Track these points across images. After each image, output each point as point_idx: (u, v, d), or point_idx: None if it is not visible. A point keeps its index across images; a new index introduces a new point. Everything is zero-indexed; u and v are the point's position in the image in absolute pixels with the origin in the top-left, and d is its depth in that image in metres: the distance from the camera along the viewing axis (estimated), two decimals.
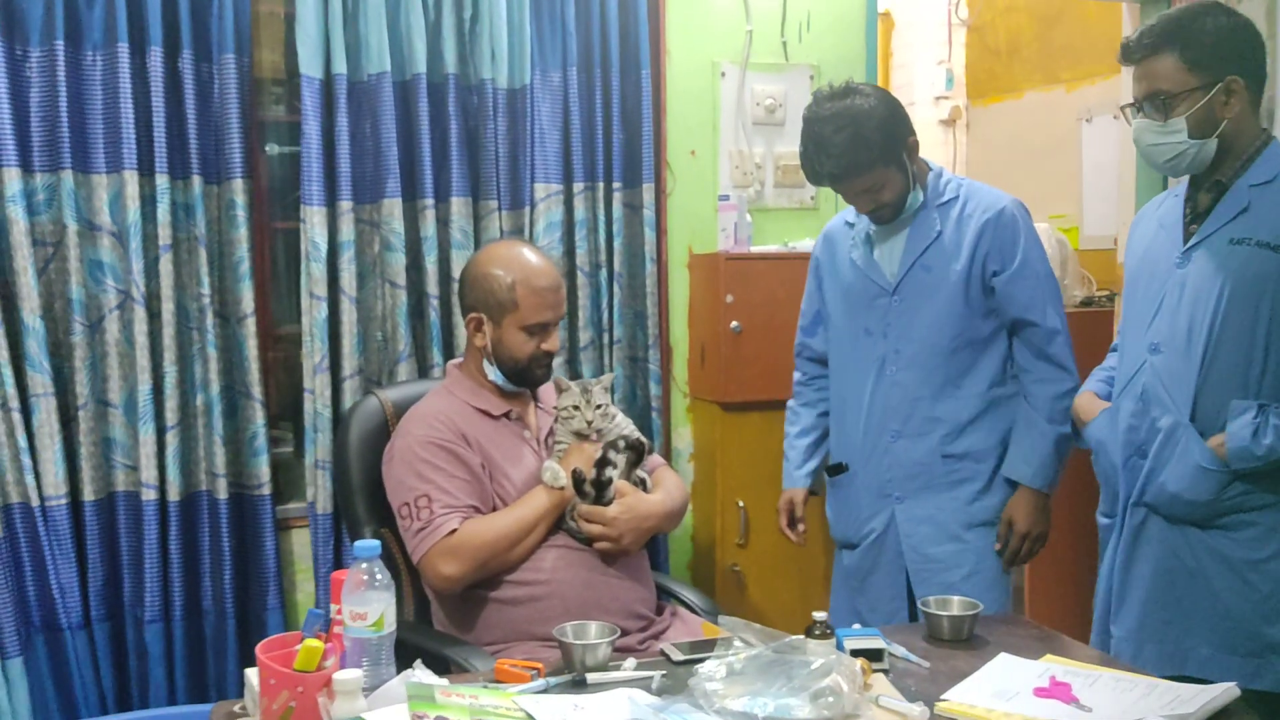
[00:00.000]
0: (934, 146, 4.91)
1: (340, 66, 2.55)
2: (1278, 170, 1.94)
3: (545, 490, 2.13)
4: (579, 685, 1.64)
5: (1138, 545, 2.05)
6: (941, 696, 1.57)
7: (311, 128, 2.54)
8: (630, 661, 1.71)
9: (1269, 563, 1.92)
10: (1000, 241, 2.26)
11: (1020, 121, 4.60)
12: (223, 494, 2.55)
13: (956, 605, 1.87)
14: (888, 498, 2.35)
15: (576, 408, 2.18)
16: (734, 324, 2.86)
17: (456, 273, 2.64)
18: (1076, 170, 4.22)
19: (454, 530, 2.05)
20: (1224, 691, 1.50)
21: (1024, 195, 2.25)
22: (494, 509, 2.13)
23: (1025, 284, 2.27)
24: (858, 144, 2.19)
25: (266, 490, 2.59)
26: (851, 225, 2.43)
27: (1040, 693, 1.55)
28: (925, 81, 4.91)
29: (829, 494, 2.51)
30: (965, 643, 1.81)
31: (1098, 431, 2.15)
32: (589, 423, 2.18)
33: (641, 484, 2.21)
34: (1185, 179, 2.07)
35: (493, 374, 2.21)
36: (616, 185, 2.84)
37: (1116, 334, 2.34)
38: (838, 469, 2.46)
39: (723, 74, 3.03)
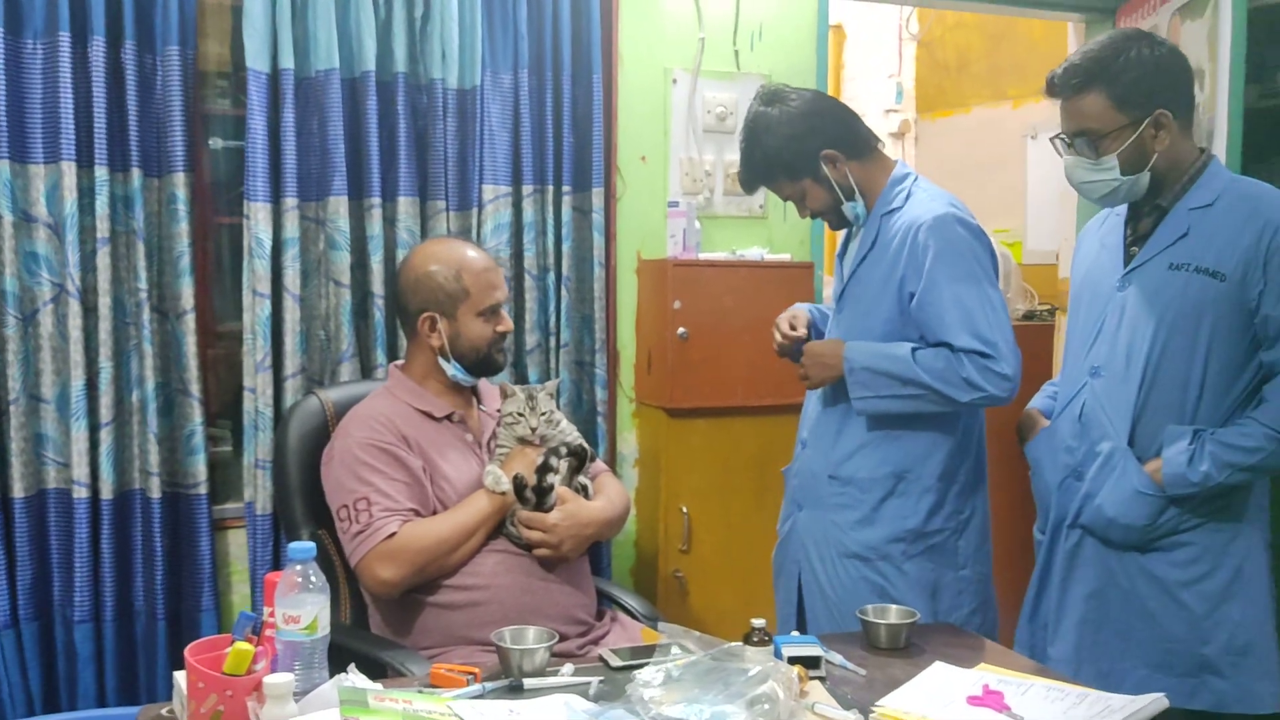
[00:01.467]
0: None
1: (288, 61, 2.51)
2: (1217, 193, 1.93)
3: (486, 494, 2.12)
4: (516, 691, 1.63)
5: (1074, 568, 2.06)
6: (876, 704, 1.58)
7: (257, 122, 2.51)
8: (568, 667, 1.71)
9: (1201, 583, 1.94)
10: (913, 261, 2.10)
11: (967, 136, 4.66)
12: (156, 493, 2.50)
13: (894, 614, 1.89)
14: (794, 503, 2.34)
15: (521, 414, 2.18)
16: (681, 330, 2.86)
17: None
18: (1021, 186, 4.28)
19: (393, 534, 2.03)
20: (1152, 702, 1.52)
21: (970, 209, 2.22)
22: (434, 512, 2.11)
23: (931, 308, 2.08)
24: (762, 156, 2.18)
25: (203, 490, 2.54)
26: None
27: (973, 701, 1.57)
28: (876, 94, 4.96)
29: None
30: (902, 651, 1.83)
31: (1035, 450, 2.17)
32: (533, 429, 2.17)
33: (583, 490, 2.21)
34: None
35: (452, 370, 2.20)
36: (566, 189, 2.83)
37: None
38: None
39: (674, 81, 3.04)
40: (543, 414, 2.18)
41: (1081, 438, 2.03)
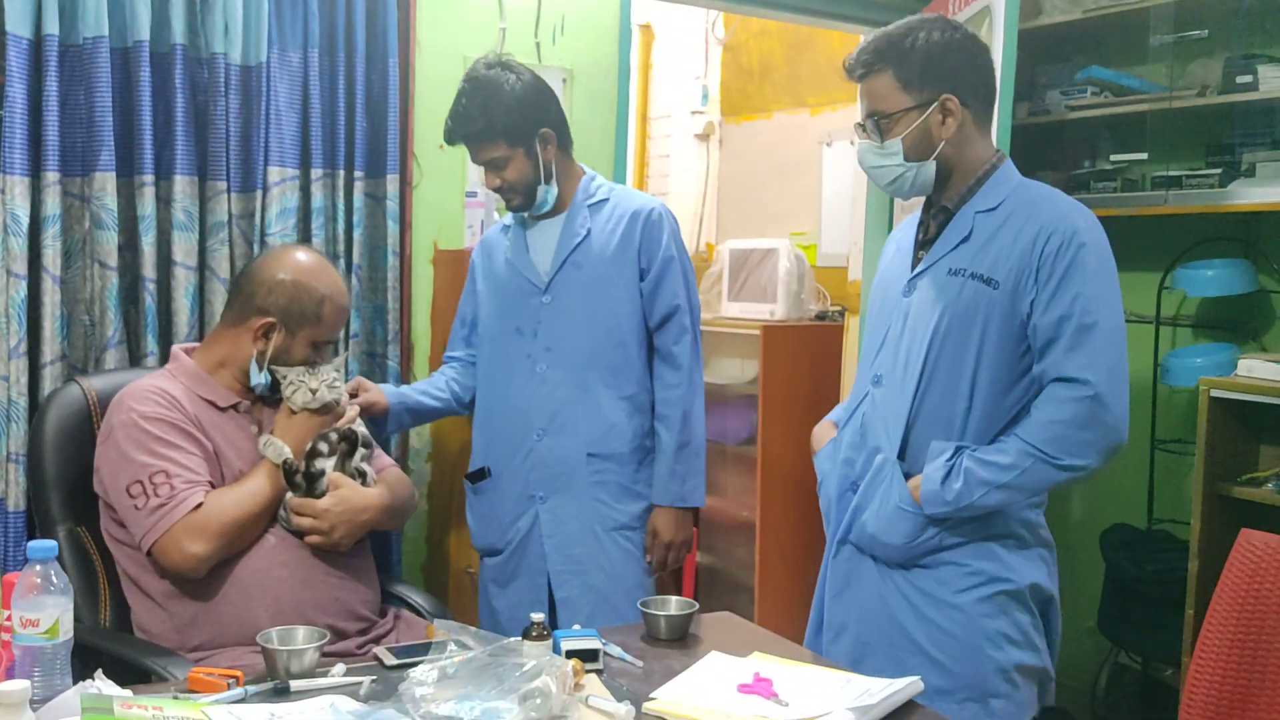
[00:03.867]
0: (689, 159, 5.04)
1: (52, 27, 2.33)
2: (1003, 196, 1.88)
3: (269, 465, 2.04)
4: (281, 694, 1.56)
5: (847, 585, 1.99)
6: (650, 696, 1.59)
7: (16, 90, 2.31)
8: (340, 667, 1.65)
9: (959, 597, 1.87)
10: (648, 239, 2.37)
11: (769, 140, 4.79)
12: None
13: (673, 605, 1.91)
14: (532, 498, 2.38)
15: (302, 380, 2.09)
16: None
17: (178, 255, 2.47)
18: (817, 191, 4.43)
19: (199, 505, 1.93)
20: (908, 685, 1.59)
21: (770, 212, 2.34)
22: None
23: (671, 279, 2.38)
24: (484, 113, 2.29)
25: None
26: (508, 229, 2.50)
27: (744, 689, 1.60)
28: (683, 95, 5.04)
29: (470, 503, 2.53)
30: (680, 641, 1.85)
31: (822, 463, 2.09)
32: (314, 392, 2.08)
33: (362, 477, 2.14)
34: (922, 202, 2.00)
35: (258, 379, 2.11)
36: (359, 174, 2.74)
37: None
38: (480, 475, 2.47)
39: None
40: (324, 380, 2.10)
41: (860, 448, 1.97)
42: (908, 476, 1.90)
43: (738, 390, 3.99)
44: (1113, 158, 3.34)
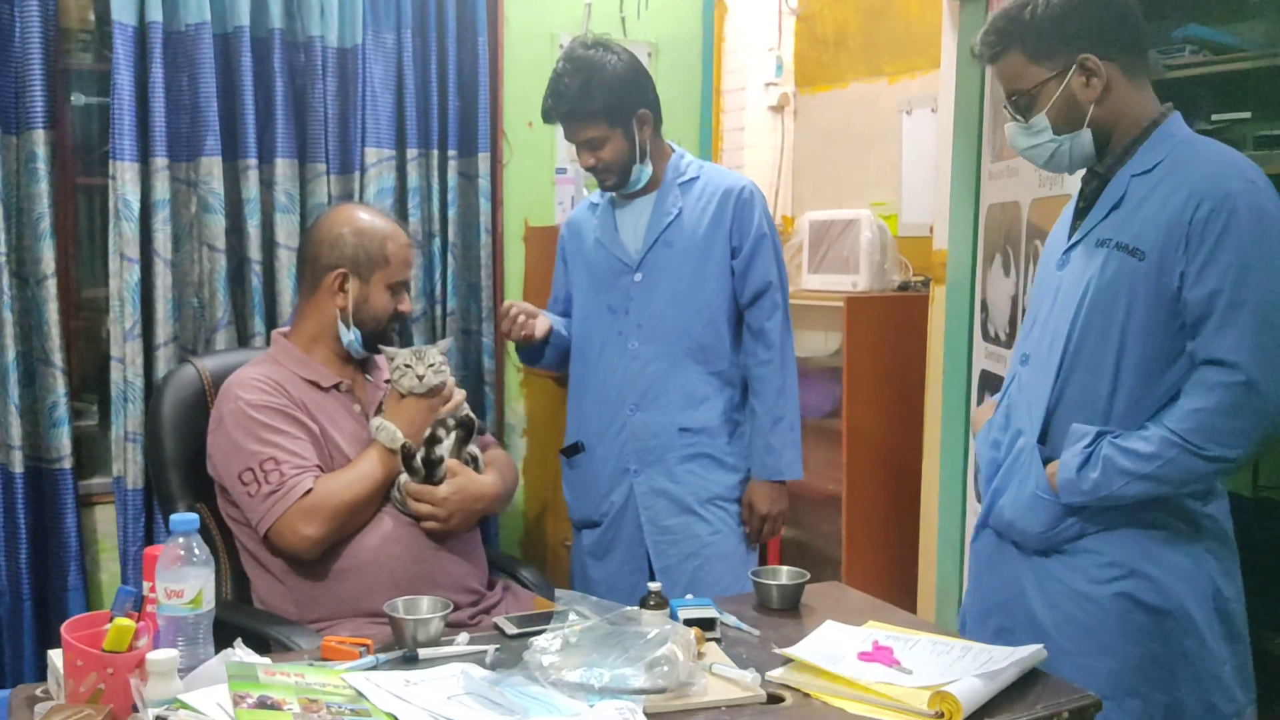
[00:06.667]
0: (764, 132, 5.00)
1: (156, 14, 2.39)
2: (1161, 156, 1.69)
3: (381, 449, 2.07)
4: (410, 661, 1.60)
5: (988, 572, 1.89)
6: (779, 650, 1.60)
7: (123, 78, 2.38)
8: (463, 636, 1.69)
9: (1094, 589, 1.73)
10: (740, 218, 2.38)
11: (845, 111, 4.73)
12: (18, 467, 2.37)
13: (785, 575, 1.92)
14: (626, 472, 2.42)
15: (409, 364, 2.12)
16: None
17: (280, 237, 2.53)
18: (896, 160, 4.37)
19: (309, 490, 1.98)
20: (1032, 653, 1.57)
21: (847, 183, 2.30)
22: None
23: (763, 256, 2.38)
24: (585, 92, 2.29)
25: (68, 464, 2.42)
26: (595, 207, 2.50)
27: (864, 656, 1.60)
28: (756, 67, 4.99)
29: (566, 477, 2.56)
30: (793, 611, 1.86)
31: (979, 446, 1.96)
32: (420, 378, 2.11)
33: (474, 462, 2.17)
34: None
35: (349, 337, 2.14)
36: (451, 153, 2.77)
37: None
38: (574, 449, 2.51)
39: (561, 45, 3.00)
40: (430, 365, 2.13)
41: (1005, 430, 1.85)
42: (1048, 461, 1.76)
43: (821, 363, 3.97)
44: (1214, 117, 3.24)
